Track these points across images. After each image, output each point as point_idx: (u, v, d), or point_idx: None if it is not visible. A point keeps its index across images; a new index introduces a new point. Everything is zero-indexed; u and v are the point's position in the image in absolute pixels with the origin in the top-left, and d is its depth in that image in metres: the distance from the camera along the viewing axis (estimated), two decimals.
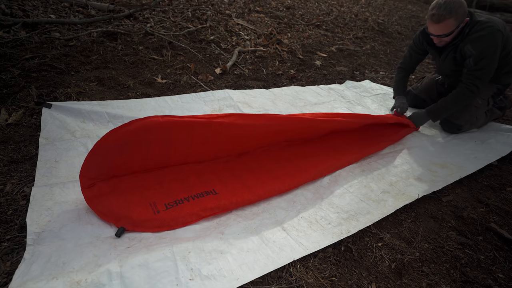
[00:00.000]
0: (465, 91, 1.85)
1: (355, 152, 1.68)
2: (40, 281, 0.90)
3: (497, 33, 1.74)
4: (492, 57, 1.77)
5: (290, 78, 2.71)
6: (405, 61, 2.22)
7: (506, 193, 1.58)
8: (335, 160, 1.56)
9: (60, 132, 1.52)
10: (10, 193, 1.19)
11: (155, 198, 1.19)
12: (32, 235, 1.02)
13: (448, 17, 1.69)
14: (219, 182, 1.30)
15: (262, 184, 1.33)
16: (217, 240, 1.11)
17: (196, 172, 1.34)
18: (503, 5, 6.78)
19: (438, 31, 1.77)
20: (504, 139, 2.00)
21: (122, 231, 1.07)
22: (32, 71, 1.96)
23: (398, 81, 2.27)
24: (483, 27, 1.74)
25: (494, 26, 1.74)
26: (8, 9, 2.50)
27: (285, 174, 1.41)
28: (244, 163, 1.43)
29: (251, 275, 1.00)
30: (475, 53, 1.76)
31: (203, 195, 1.23)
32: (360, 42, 4.11)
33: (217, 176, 1.34)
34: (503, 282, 1.11)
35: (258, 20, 3.91)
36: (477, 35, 1.75)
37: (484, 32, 1.73)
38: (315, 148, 1.61)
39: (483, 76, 1.81)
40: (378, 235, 1.24)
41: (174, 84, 2.23)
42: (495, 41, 1.74)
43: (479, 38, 1.74)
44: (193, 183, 1.28)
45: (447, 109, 1.95)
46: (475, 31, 1.75)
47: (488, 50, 1.75)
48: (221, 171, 1.37)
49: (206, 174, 1.34)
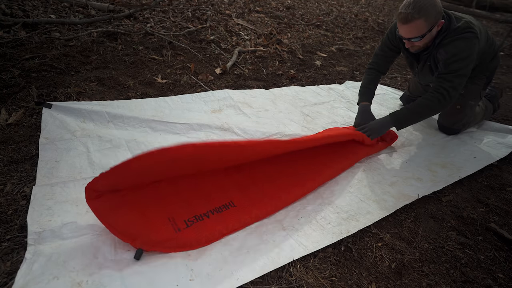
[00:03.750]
0: (434, 98, 1.62)
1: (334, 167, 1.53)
2: (42, 281, 0.90)
3: (474, 39, 1.57)
4: (466, 62, 1.57)
5: (290, 78, 2.71)
6: (377, 59, 1.94)
7: (506, 193, 1.58)
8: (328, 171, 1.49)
9: (61, 132, 1.52)
10: (10, 193, 1.19)
11: (173, 212, 1.11)
12: (33, 235, 1.02)
13: (417, 17, 1.49)
14: (237, 191, 1.25)
15: (279, 191, 1.29)
16: (216, 242, 1.11)
17: (212, 180, 1.26)
18: (503, 5, 6.77)
19: (407, 33, 1.57)
20: (504, 139, 2.00)
21: (141, 253, 0.98)
22: (32, 71, 1.96)
23: (367, 82, 1.93)
24: (459, 33, 1.57)
25: (472, 32, 1.57)
26: (8, 9, 2.51)
27: (304, 179, 1.38)
28: (259, 171, 1.37)
29: (251, 275, 1.00)
30: (447, 55, 1.59)
31: (222, 210, 1.17)
32: (360, 42, 4.11)
33: (234, 183, 1.27)
34: (503, 282, 1.11)
35: (258, 20, 3.91)
36: (451, 39, 1.58)
37: (459, 36, 1.57)
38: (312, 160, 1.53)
39: (455, 80, 1.59)
40: (378, 235, 1.24)
41: (174, 84, 2.23)
42: (470, 47, 1.57)
43: (453, 41, 1.58)
44: (210, 194, 1.21)
45: (416, 115, 1.70)
46: (450, 37, 1.58)
47: (462, 54, 1.56)
48: (238, 179, 1.30)
49: (223, 182, 1.27)
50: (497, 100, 2.19)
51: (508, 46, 4.43)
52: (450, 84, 1.60)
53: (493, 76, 1.93)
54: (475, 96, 1.92)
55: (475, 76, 1.84)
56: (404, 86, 2.90)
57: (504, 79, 3.37)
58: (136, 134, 1.62)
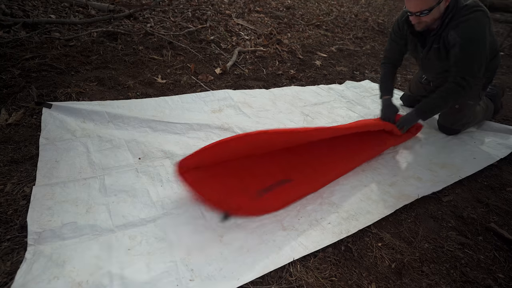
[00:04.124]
0: (453, 86, 1.62)
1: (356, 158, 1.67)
2: (42, 281, 0.90)
3: (485, 18, 1.52)
4: (482, 44, 1.53)
5: (290, 78, 2.71)
6: (387, 54, 1.99)
7: (506, 193, 1.58)
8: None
9: (61, 132, 1.52)
10: (10, 193, 1.19)
11: (247, 184, 1.29)
12: (33, 235, 1.02)
13: None
14: (292, 169, 1.44)
15: (328, 169, 1.50)
16: (216, 242, 1.11)
17: (271, 161, 1.45)
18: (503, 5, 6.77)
19: (415, 7, 1.53)
20: (504, 140, 2.00)
21: (227, 216, 1.17)
22: (32, 71, 1.96)
23: (384, 77, 1.99)
24: (469, 12, 1.51)
25: (482, 10, 1.52)
26: (8, 9, 2.51)
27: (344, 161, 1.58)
28: (309, 151, 1.56)
29: (251, 275, 1.00)
30: (461, 40, 1.53)
31: (283, 183, 1.36)
32: (360, 42, 4.11)
33: (289, 163, 1.47)
34: (503, 282, 1.11)
35: (258, 20, 3.91)
36: (462, 19, 1.52)
37: (470, 16, 1.51)
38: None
39: (473, 66, 1.56)
40: (378, 235, 1.24)
41: (174, 84, 2.23)
42: (483, 26, 1.51)
43: (465, 22, 1.51)
44: (271, 171, 1.40)
45: (437, 106, 1.75)
46: (460, 16, 1.52)
47: (477, 36, 1.51)
48: (292, 159, 1.49)
49: (280, 162, 1.46)
50: (498, 100, 2.17)
51: (508, 46, 4.43)
52: (468, 73, 1.58)
53: (493, 77, 1.91)
54: (474, 96, 1.91)
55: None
56: (404, 86, 2.90)
57: (504, 79, 3.37)
58: (136, 134, 1.62)
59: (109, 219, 1.13)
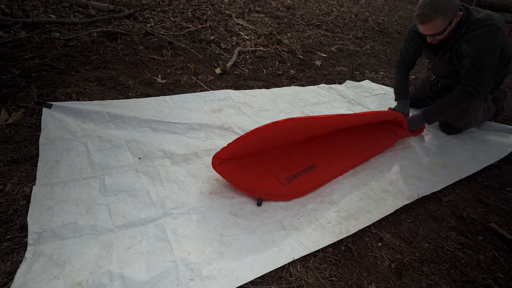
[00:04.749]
0: (463, 94, 1.73)
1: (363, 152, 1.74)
2: (42, 281, 0.90)
3: (497, 31, 1.59)
4: (492, 57, 1.63)
5: (290, 78, 2.71)
6: (403, 58, 2.05)
7: (506, 193, 1.58)
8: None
9: (61, 132, 1.52)
10: (10, 193, 1.19)
11: (276, 172, 1.42)
12: (33, 235, 1.02)
13: (435, 17, 1.54)
14: (316, 157, 1.57)
15: (347, 156, 1.63)
16: (216, 241, 1.11)
17: (296, 150, 1.58)
18: (503, 5, 6.78)
19: (427, 31, 1.63)
20: (504, 139, 2.00)
21: (261, 201, 1.29)
22: (32, 71, 1.96)
23: (399, 81, 2.09)
24: (481, 26, 1.59)
25: (493, 24, 1.58)
26: (8, 9, 2.51)
27: (361, 149, 1.71)
28: (327, 142, 1.70)
29: (251, 275, 1.00)
30: (473, 54, 1.62)
31: (308, 170, 1.48)
32: (360, 42, 4.11)
33: (312, 151, 1.60)
34: (503, 282, 1.11)
35: (258, 20, 3.91)
36: (474, 33, 1.59)
37: (482, 30, 1.58)
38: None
39: (482, 78, 1.67)
40: (378, 235, 1.24)
41: (174, 84, 2.23)
42: (494, 40, 1.59)
43: (477, 37, 1.59)
44: (296, 160, 1.53)
45: (444, 112, 1.86)
46: (472, 30, 1.60)
47: (487, 50, 1.60)
48: (314, 148, 1.63)
49: (304, 151, 1.59)
50: (500, 103, 2.19)
51: None
52: (477, 83, 1.68)
53: (501, 83, 1.96)
54: (482, 99, 1.94)
55: None
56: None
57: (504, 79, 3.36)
58: (136, 134, 1.62)
59: (109, 219, 1.13)
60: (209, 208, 1.25)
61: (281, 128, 1.31)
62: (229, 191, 1.35)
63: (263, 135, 1.30)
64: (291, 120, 1.31)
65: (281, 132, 1.37)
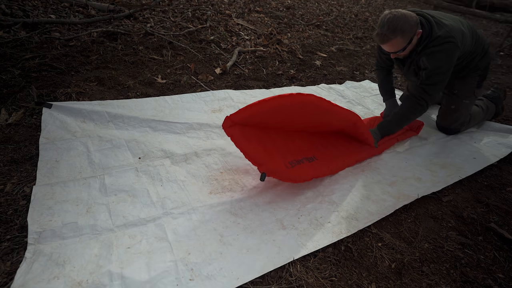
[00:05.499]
0: (415, 106, 1.76)
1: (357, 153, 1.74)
2: (42, 281, 0.90)
3: (455, 49, 1.63)
4: (445, 74, 1.68)
5: (290, 78, 2.71)
6: (378, 62, 2.09)
7: (506, 193, 1.58)
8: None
9: (61, 132, 1.53)
10: (10, 193, 1.19)
11: (282, 153, 1.43)
12: (33, 235, 1.02)
13: (393, 37, 1.58)
14: (317, 150, 1.61)
15: (343, 155, 1.66)
16: (216, 241, 1.11)
17: (301, 140, 1.60)
18: (503, 5, 6.77)
19: (389, 50, 1.68)
20: (504, 139, 2.00)
21: (264, 176, 1.30)
22: (32, 71, 1.96)
23: (381, 83, 2.13)
24: (440, 43, 1.62)
25: (452, 42, 1.62)
26: (8, 9, 2.51)
27: (358, 149, 1.73)
28: (327, 139, 1.73)
29: (251, 275, 1.00)
30: (429, 67, 1.66)
31: (310, 160, 1.51)
32: (360, 42, 4.11)
33: (314, 145, 1.64)
34: (503, 282, 1.11)
35: (258, 20, 3.91)
36: (433, 49, 1.64)
37: (440, 48, 1.63)
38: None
39: (433, 92, 1.72)
40: (378, 235, 1.24)
41: (174, 84, 2.23)
42: (450, 58, 1.64)
43: (435, 53, 1.64)
44: (301, 149, 1.55)
45: (397, 125, 1.85)
46: (431, 46, 1.64)
47: (442, 67, 1.65)
48: (316, 142, 1.66)
49: (307, 143, 1.62)
50: (500, 102, 2.19)
51: (508, 46, 4.43)
52: (429, 95, 1.72)
53: (486, 74, 1.95)
54: (469, 95, 1.94)
55: (467, 76, 1.89)
56: (404, 86, 2.90)
57: (504, 79, 3.37)
58: (136, 134, 1.62)
59: (109, 219, 1.13)
60: (209, 208, 1.25)
61: (301, 103, 1.31)
62: (229, 191, 1.35)
63: (282, 104, 1.28)
64: (313, 96, 1.33)
65: (298, 109, 1.35)
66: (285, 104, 1.29)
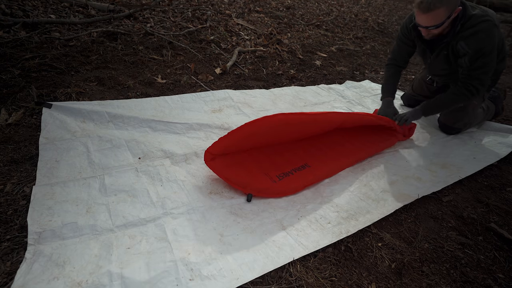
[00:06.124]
0: (463, 91, 1.70)
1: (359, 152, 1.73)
2: (42, 281, 0.90)
3: (493, 28, 1.55)
4: (490, 56, 1.58)
5: (290, 78, 2.71)
6: (394, 56, 1.99)
7: (506, 193, 1.58)
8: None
9: (61, 132, 1.52)
10: (10, 193, 1.19)
11: (267, 169, 1.43)
12: (33, 235, 1.02)
13: (439, 6, 1.48)
14: (309, 156, 1.59)
15: (341, 156, 1.64)
16: (216, 241, 1.11)
17: (289, 149, 1.60)
18: (503, 5, 6.77)
19: (426, 22, 1.56)
20: (504, 139, 2.00)
21: (251, 197, 1.31)
22: (32, 71, 1.96)
23: (387, 79, 2.03)
24: (477, 22, 1.55)
25: (490, 20, 1.54)
26: (8, 9, 2.50)
27: (358, 149, 1.72)
28: (323, 142, 1.71)
29: (251, 275, 1.00)
30: (470, 52, 1.58)
31: (301, 169, 1.49)
32: (360, 42, 4.11)
33: (305, 151, 1.62)
34: (503, 282, 1.11)
35: (258, 20, 3.91)
36: (471, 31, 1.55)
37: (478, 27, 1.54)
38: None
39: (482, 76, 1.64)
40: (378, 235, 1.24)
41: (174, 84, 2.23)
42: (492, 37, 1.55)
43: (474, 34, 1.55)
44: (290, 159, 1.54)
45: (442, 108, 1.86)
46: (469, 27, 1.56)
47: (485, 48, 1.56)
48: (308, 148, 1.65)
49: (297, 150, 1.61)
50: (500, 102, 2.18)
51: (508, 46, 4.43)
52: (478, 82, 1.66)
53: (497, 80, 1.92)
54: (480, 97, 1.92)
55: None
56: (404, 86, 2.90)
57: (504, 79, 3.37)
58: (136, 134, 1.62)
59: (109, 219, 1.13)
60: (209, 208, 1.25)
61: (271, 123, 1.31)
62: (229, 191, 1.35)
63: (254, 130, 1.30)
64: (281, 114, 1.31)
65: (273, 128, 1.36)
66: (255, 131, 1.31)
